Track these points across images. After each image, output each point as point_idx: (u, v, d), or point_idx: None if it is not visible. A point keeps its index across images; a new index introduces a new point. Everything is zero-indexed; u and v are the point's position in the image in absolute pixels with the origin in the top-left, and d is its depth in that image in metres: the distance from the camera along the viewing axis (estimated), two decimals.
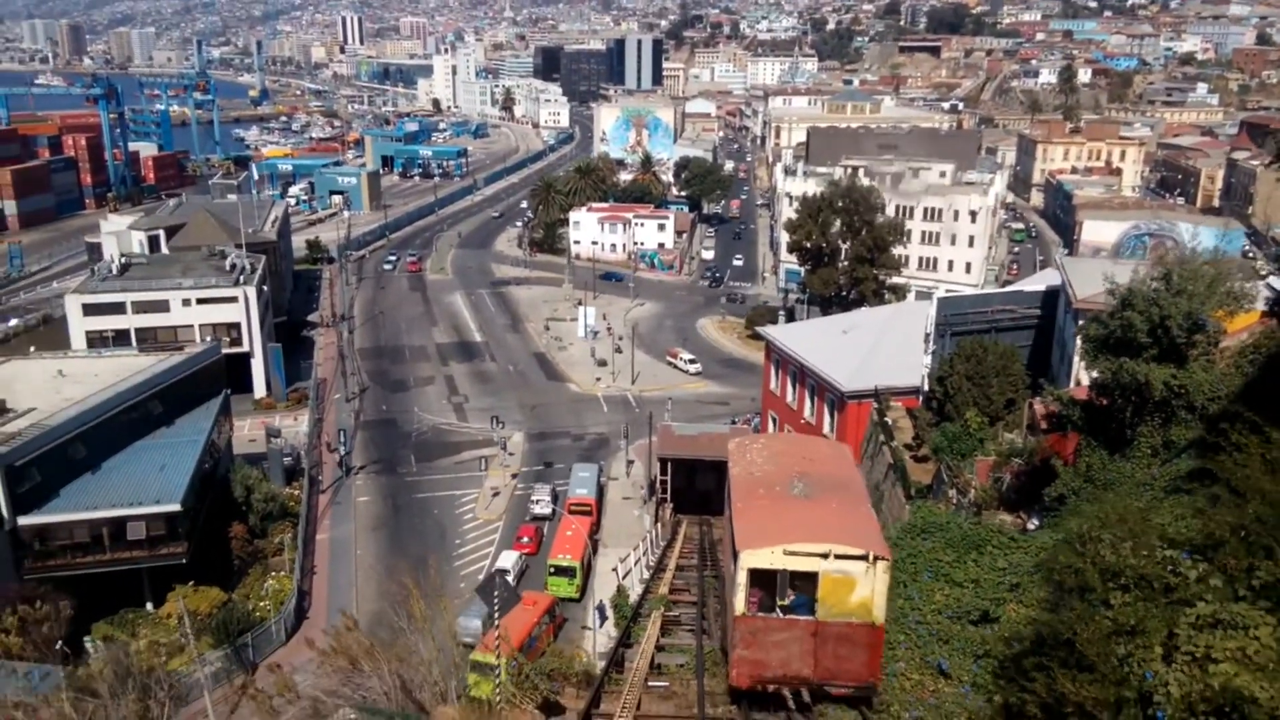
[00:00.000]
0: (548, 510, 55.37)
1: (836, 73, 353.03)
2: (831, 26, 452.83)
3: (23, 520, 41.26)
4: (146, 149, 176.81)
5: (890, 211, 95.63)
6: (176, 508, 42.68)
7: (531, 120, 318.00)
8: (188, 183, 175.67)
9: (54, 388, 48.49)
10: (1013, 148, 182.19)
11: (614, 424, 68.27)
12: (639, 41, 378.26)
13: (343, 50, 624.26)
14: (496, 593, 23.51)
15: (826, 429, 53.41)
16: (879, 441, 38.78)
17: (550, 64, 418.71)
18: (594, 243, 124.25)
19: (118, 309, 66.26)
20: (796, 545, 16.39)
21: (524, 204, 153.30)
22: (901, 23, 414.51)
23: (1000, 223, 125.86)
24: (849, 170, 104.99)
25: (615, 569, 41.11)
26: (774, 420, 60.74)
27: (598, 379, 79.25)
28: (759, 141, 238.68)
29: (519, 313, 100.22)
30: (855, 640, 16.38)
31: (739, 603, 16.84)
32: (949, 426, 33.39)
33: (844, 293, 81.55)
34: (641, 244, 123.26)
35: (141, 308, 66.56)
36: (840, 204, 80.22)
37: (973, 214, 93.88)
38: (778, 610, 16.75)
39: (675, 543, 42.25)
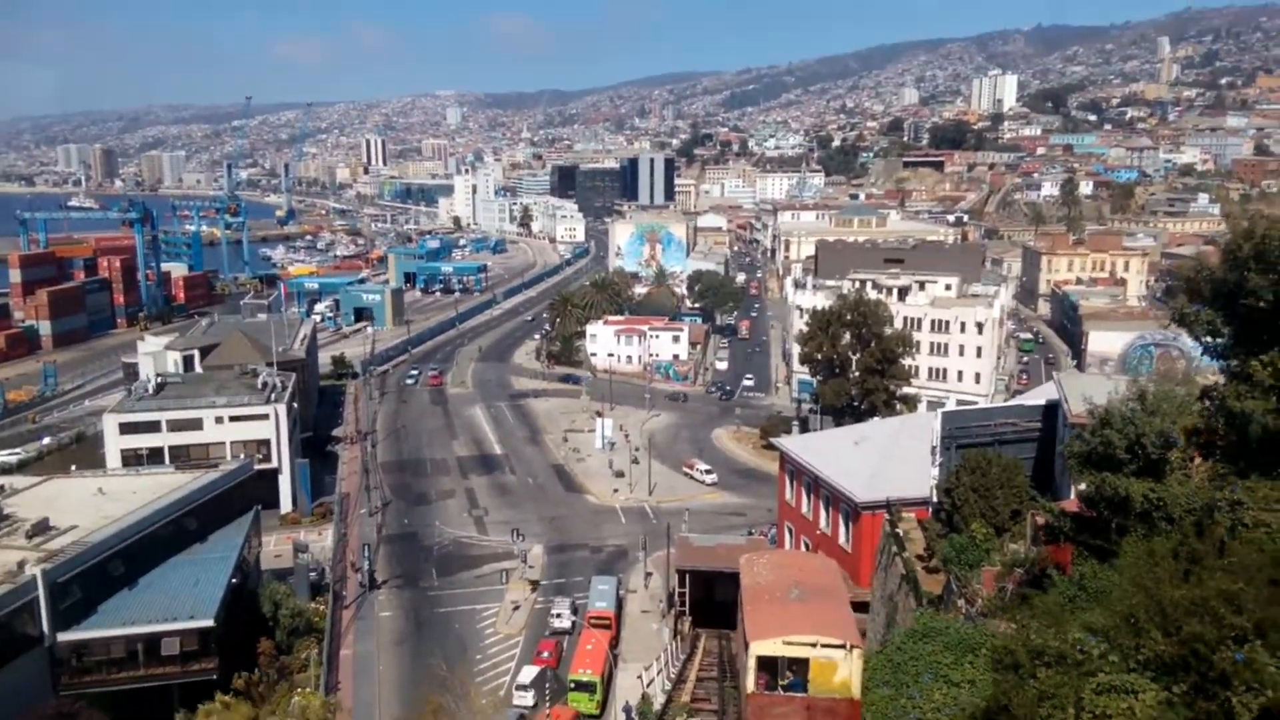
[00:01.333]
0: (568, 624, 56.15)
1: (843, 187, 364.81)
2: (837, 143, 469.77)
3: (62, 637, 42.73)
4: (177, 269, 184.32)
5: (898, 324, 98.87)
6: (210, 624, 44.14)
7: (548, 236, 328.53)
8: (216, 301, 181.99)
9: (94, 505, 50.66)
10: (1018, 259, 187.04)
11: (632, 535, 69.49)
12: (651, 160, 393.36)
13: (366, 171, 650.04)
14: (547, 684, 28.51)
15: (842, 539, 54.58)
16: (892, 552, 40.12)
17: (566, 181, 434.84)
18: (610, 355, 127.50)
19: (153, 427, 69.08)
20: (793, 637, 22.03)
21: (543, 314, 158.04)
22: (905, 139, 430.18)
23: (1008, 333, 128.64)
24: (857, 284, 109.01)
25: (640, 676, 42.06)
26: (790, 531, 61.85)
27: (615, 490, 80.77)
28: (769, 254, 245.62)
29: (538, 425, 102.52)
30: (838, 712, 21.37)
31: (749, 683, 22.06)
32: (956, 538, 34.84)
33: (856, 403, 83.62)
34: (657, 356, 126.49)
35: (176, 426, 69.37)
36: (849, 317, 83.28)
37: (979, 326, 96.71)
38: (779, 689, 21.82)
39: (695, 656, 43.17)
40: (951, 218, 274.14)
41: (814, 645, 21.59)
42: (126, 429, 68.54)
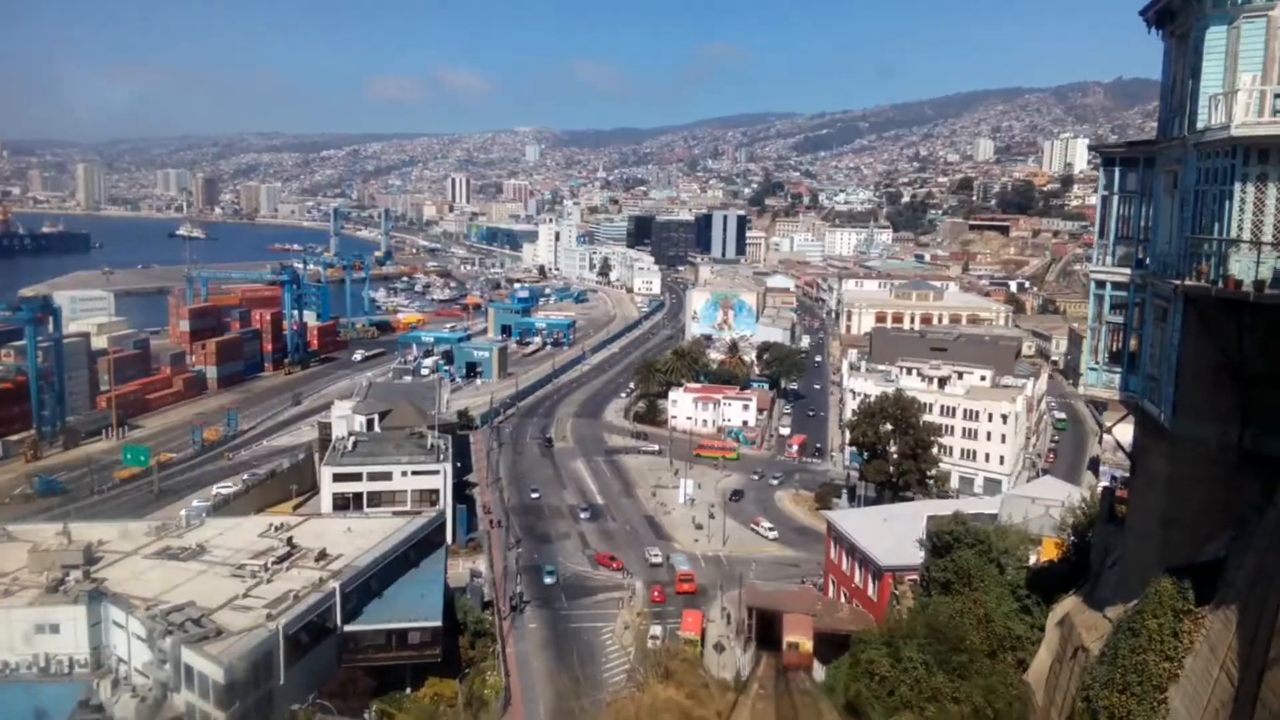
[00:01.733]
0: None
1: (910, 245, 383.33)
2: (906, 200, 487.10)
3: (347, 628, 65.72)
4: (310, 317, 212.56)
5: (937, 409, 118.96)
6: (438, 624, 66.75)
7: (626, 285, 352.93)
8: (341, 346, 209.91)
9: (349, 539, 73.95)
10: (1064, 336, 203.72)
11: (710, 577, 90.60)
12: (725, 216, 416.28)
13: (451, 209, 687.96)
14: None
15: (870, 593, 75.03)
16: (893, 605, 60.80)
17: (642, 230, 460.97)
18: (689, 418, 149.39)
19: (357, 478, 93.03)
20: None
21: (629, 371, 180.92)
22: (973, 198, 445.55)
23: (1043, 413, 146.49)
24: (904, 371, 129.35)
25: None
26: (834, 583, 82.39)
27: (696, 540, 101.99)
28: (833, 316, 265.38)
29: (630, 479, 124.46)
30: (805, 661, 43.98)
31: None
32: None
33: (894, 480, 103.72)
34: (729, 421, 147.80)
35: (373, 476, 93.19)
36: (889, 411, 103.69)
37: (1004, 417, 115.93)
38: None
39: (759, 664, 64.37)
40: (1013, 284, 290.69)
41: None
42: (339, 478, 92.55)
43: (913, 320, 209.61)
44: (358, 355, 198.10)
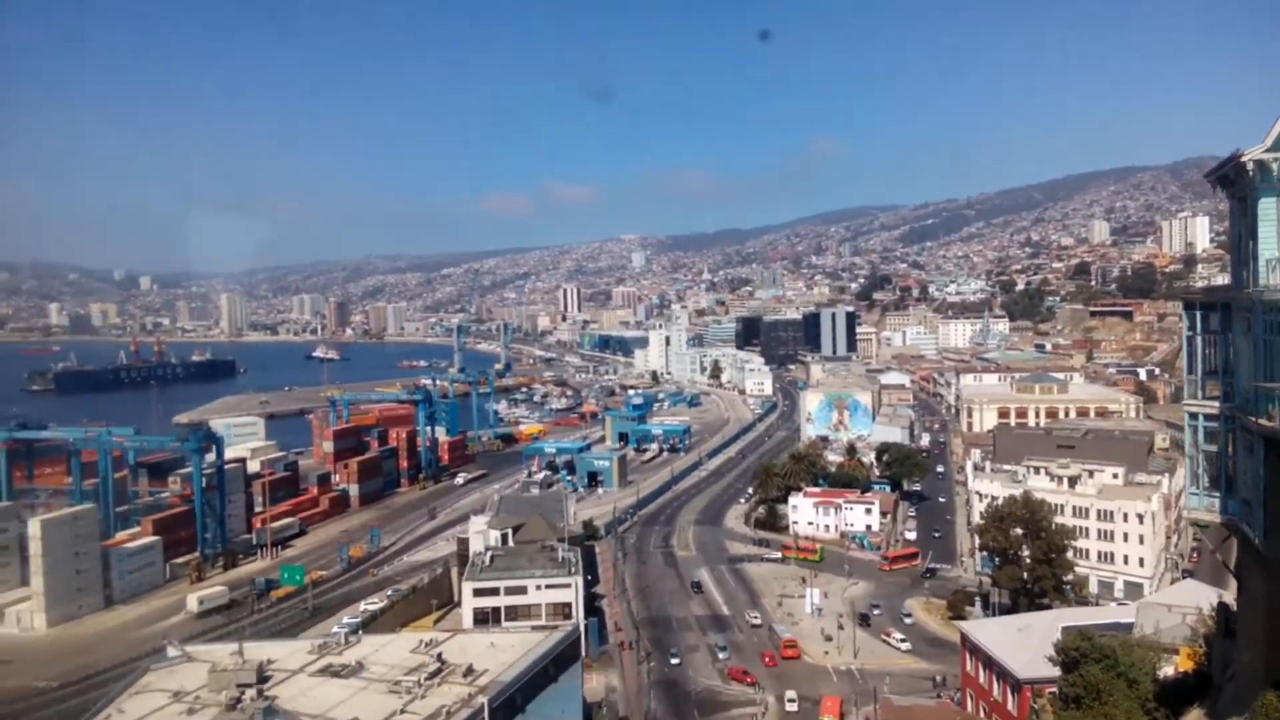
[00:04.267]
0: None
1: (1028, 334, 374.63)
2: (1020, 287, 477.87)
3: None
4: (440, 433, 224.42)
5: (1068, 511, 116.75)
6: None
7: (737, 387, 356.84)
8: (468, 460, 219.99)
9: (493, 654, 78.66)
10: None
11: (844, 693, 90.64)
12: (833, 313, 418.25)
13: (564, 318, 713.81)
14: None
15: (1010, 706, 74.30)
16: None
17: (750, 331, 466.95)
18: (810, 523, 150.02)
19: (495, 592, 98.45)
20: None
21: (747, 476, 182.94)
22: (1092, 283, 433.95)
23: (1183, 509, 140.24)
24: (1031, 469, 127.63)
25: None
26: (971, 696, 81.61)
27: (825, 652, 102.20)
28: (953, 412, 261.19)
29: (755, 588, 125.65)
30: None
31: None
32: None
33: (1029, 586, 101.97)
34: (851, 526, 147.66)
35: (510, 590, 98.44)
36: (1019, 514, 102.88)
37: (1139, 517, 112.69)
38: None
39: None
40: (1141, 371, 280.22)
41: None
42: (478, 593, 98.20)
43: (1037, 415, 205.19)
44: (460, 479, 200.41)
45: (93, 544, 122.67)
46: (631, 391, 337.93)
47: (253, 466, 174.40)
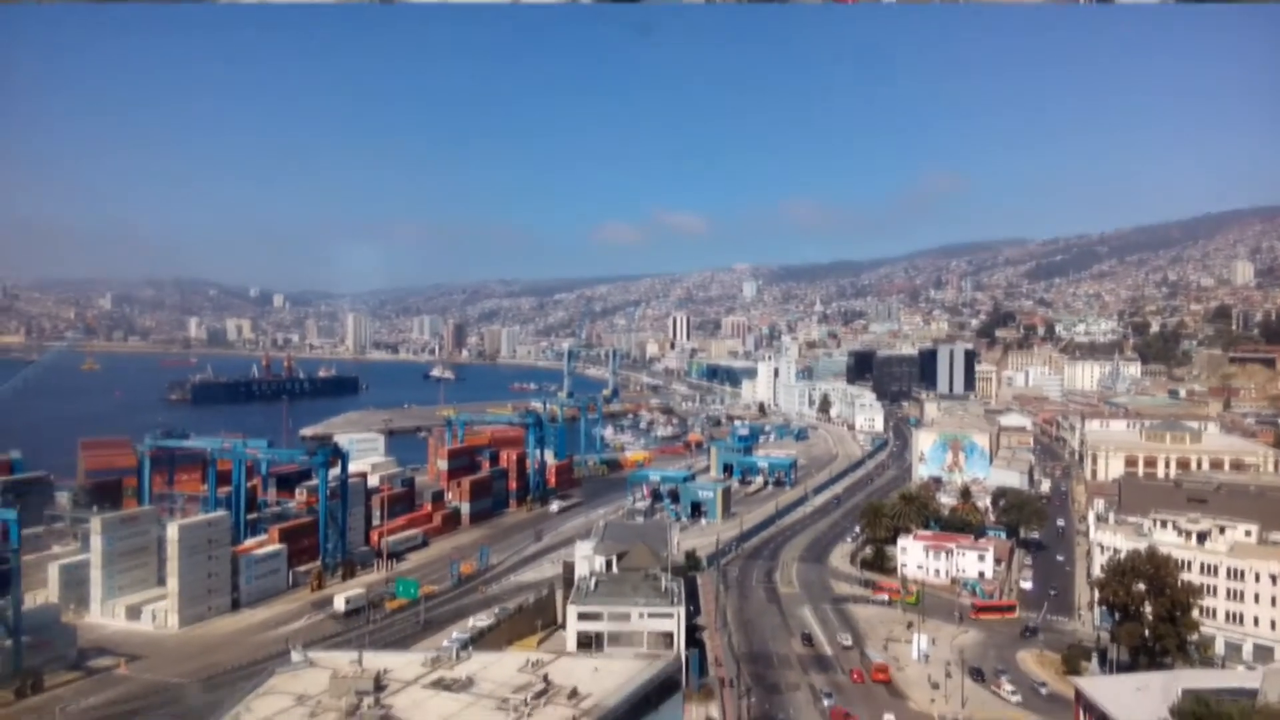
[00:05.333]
0: None
1: (1161, 379, 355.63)
2: (1155, 329, 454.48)
3: None
4: (548, 456, 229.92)
5: (1196, 567, 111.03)
6: None
7: (847, 422, 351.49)
8: (574, 484, 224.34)
9: (596, 679, 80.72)
10: None
11: None
12: (951, 350, 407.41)
13: (672, 346, 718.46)
14: None
15: None
16: None
17: (862, 365, 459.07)
18: (919, 567, 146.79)
19: (598, 617, 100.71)
20: None
21: (853, 514, 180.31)
22: (1233, 327, 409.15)
23: None
24: (1157, 523, 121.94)
25: None
26: None
27: (932, 700, 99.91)
28: (1076, 458, 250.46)
29: (860, 630, 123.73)
30: None
31: None
32: None
33: (1150, 644, 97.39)
34: (963, 572, 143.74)
35: (613, 617, 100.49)
36: (1142, 569, 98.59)
37: (1273, 577, 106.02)
38: None
39: None
40: None
41: None
42: (583, 617, 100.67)
43: (1167, 465, 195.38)
44: (554, 506, 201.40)
45: (224, 549, 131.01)
46: (738, 422, 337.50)
47: (372, 481, 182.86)
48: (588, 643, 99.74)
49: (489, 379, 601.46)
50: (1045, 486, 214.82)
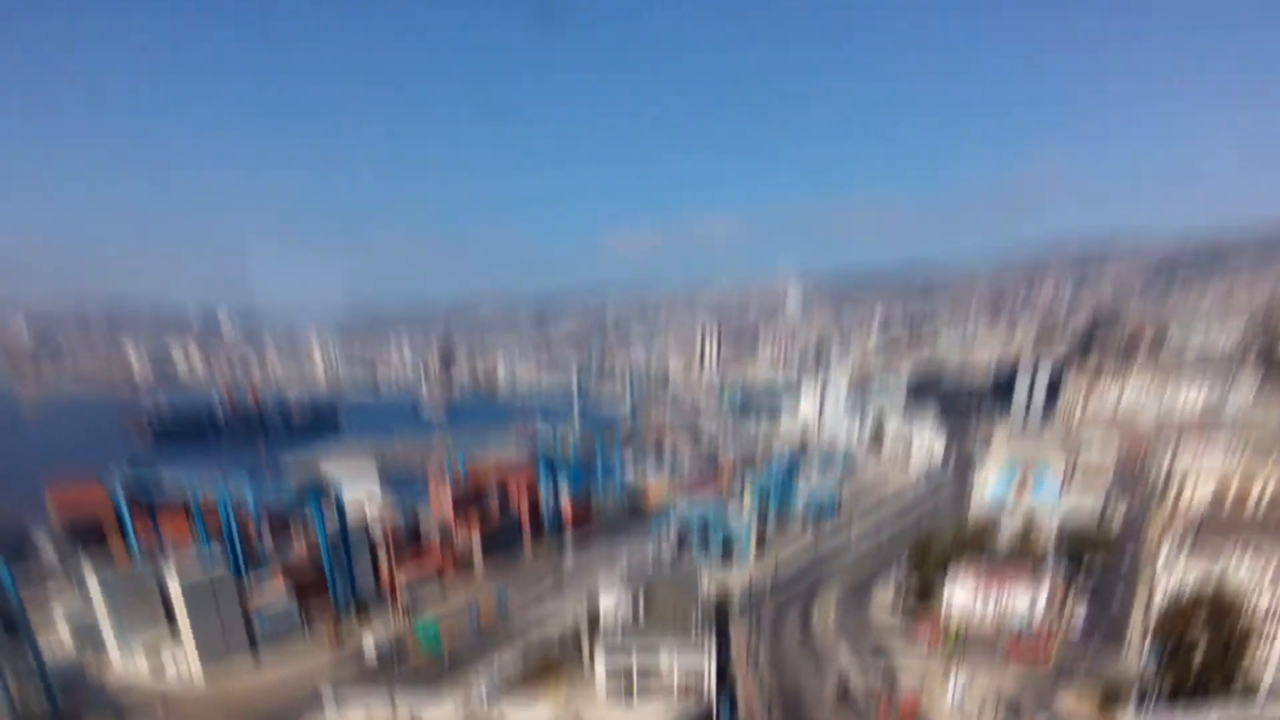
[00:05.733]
0: None
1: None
2: None
3: None
4: (562, 489, 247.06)
5: (1263, 602, 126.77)
6: None
7: (901, 452, 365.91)
8: (591, 520, 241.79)
9: None
10: None
11: None
12: (1034, 366, 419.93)
13: (701, 364, 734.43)
14: None
15: None
16: None
17: (924, 385, 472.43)
18: (967, 605, 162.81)
19: (627, 660, 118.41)
20: None
21: (900, 550, 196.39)
22: None
23: None
24: (1231, 557, 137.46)
25: None
26: None
27: None
28: (1161, 485, 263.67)
29: (895, 673, 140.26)
30: None
31: None
32: None
33: (1194, 685, 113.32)
34: (1013, 610, 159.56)
35: (642, 658, 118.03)
36: (1202, 603, 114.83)
37: None
38: None
39: None
40: None
41: None
42: (611, 659, 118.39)
43: (1261, 495, 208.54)
44: (568, 562, 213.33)
45: (232, 602, 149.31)
46: (776, 450, 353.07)
47: (370, 511, 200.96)
48: (616, 685, 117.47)
49: (485, 404, 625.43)
50: (1120, 515, 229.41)
